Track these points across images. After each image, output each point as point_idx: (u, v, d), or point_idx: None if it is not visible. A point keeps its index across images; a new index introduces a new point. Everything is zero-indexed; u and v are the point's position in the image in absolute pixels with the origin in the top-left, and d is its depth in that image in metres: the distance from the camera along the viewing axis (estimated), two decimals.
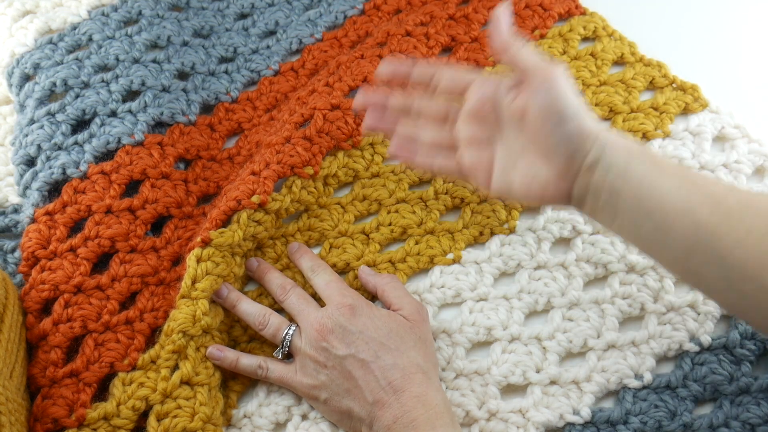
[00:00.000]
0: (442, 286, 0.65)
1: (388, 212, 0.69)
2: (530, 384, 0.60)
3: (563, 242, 0.67)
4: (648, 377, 0.60)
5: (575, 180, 0.53)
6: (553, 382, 0.60)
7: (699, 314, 0.62)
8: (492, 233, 0.68)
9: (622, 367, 0.60)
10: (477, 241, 0.68)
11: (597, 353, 0.61)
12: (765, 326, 0.51)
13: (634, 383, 0.60)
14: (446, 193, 0.70)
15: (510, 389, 0.61)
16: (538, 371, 0.61)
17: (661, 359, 0.61)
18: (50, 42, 0.75)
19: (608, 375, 0.60)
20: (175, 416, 0.57)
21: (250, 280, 0.66)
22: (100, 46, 0.74)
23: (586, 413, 0.58)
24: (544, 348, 0.62)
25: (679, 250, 0.51)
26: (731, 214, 0.49)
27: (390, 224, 0.68)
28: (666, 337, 0.61)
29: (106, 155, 0.68)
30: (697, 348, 0.60)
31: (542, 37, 0.79)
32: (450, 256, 0.66)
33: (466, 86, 0.58)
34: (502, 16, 0.55)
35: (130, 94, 0.72)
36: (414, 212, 0.69)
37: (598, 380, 0.60)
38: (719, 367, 0.59)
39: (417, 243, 0.67)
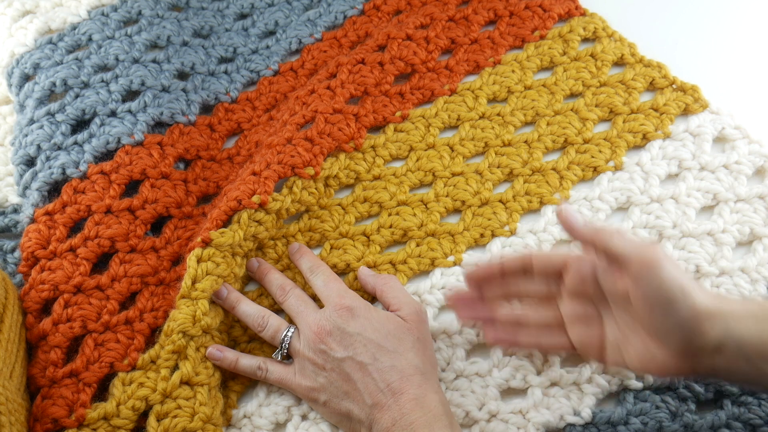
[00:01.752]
0: (443, 287, 0.65)
1: (389, 214, 0.69)
2: (531, 386, 0.60)
3: (563, 244, 0.67)
4: (649, 378, 0.59)
5: (698, 361, 0.50)
6: (554, 384, 0.60)
7: None
8: (493, 235, 0.68)
9: None
10: (478, 243, 0.68)
11: None
12: None
13: (636, 384, 0.59)
14: (447, 196, 0.69)
15: (510, 390, 0.61)
16: (539, 374, 0.61)
17: None
18: (50, 42, 0.74)
19: (609, 376, 0.60)
20: (175, 416, 0.56)
21: (250, 280, 0.66)
22: (99, 46, 0.74)
23: (586, 414, 0.58)
24: None
25: None
26: None
27: (391, 226, 0.68)
28: None
29: (106, 155, 0.68)
30: None
31: (542, 38, 0.79)
32: (451, 258, 0.66)
33: (560, 266, 0.57)
34: (568, 212, 0.54)
35: (130, 94, 0.72)
36: (415, 215, 0.68)
37: (599, 381, 0.60)
38: None
39: (418, 245, 0.67)
